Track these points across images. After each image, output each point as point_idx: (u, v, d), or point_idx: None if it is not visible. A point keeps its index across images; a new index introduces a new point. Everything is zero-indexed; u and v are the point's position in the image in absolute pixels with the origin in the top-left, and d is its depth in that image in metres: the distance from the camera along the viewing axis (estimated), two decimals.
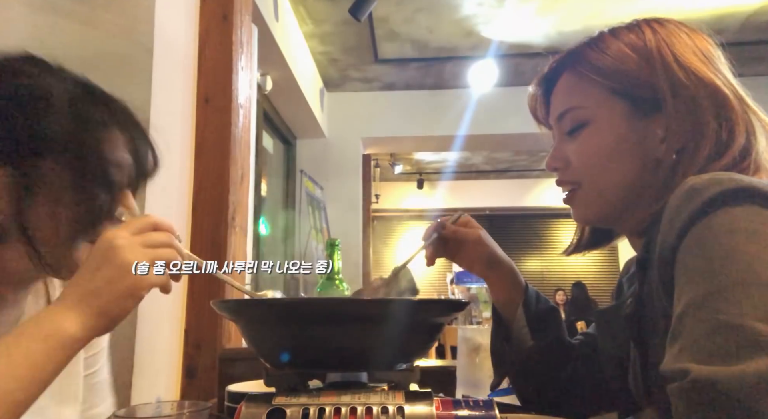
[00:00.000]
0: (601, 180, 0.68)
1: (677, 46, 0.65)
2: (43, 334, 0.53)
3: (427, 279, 7.84)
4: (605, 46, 0.67)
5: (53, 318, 0.54)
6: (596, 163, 0.68)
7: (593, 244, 0.82)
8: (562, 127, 0.72)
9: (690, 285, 0.50)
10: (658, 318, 0.60)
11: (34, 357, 0.51)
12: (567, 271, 7.50)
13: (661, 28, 0.67)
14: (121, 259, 0.57)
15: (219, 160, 1.50)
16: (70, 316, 0.54)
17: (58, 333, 0.53)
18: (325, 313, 0.56)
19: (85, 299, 0.55)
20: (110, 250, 0.57)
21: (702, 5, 3.35)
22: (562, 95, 0.72)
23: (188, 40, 1.54)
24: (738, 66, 0.65)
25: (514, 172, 7.20)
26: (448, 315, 0.63)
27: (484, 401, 0.53)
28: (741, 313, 0.45)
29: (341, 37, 3.79)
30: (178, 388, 1.40)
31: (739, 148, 0.60)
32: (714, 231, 0.50)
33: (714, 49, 0.66)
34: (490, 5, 3.39)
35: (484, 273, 0.87)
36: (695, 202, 0.51)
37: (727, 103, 0.62)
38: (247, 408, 0.52)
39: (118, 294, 0.56)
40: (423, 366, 0.61)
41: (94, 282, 0.56)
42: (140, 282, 0.57)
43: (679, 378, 0.46)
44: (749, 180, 0.51)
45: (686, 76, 0.62)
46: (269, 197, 3.82)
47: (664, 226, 0.55)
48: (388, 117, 4.74)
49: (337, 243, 1.28)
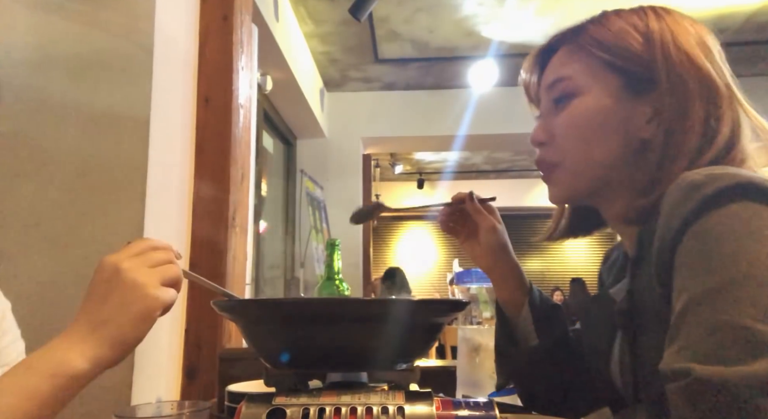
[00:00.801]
0: (583, 157, 0.68)
1: (678, 31, 0.65)
2: (50, 372, 0.51)
3: (427, 279, 7.84)
4: (608, 22, 0.68)
5: (61, 354, 0.52)
6: (580, 136, 0.68)
7: (573, 230, 0.81)
8: (551, 96, 0.71)
9: (689, 283, 0.50)
10: (650, 314, 0.60)
11: (42, 395, 0.50)
12: (567, 271, 7.50)
13: (665, 14, 0.67)
14: (131, 282, 0.55)
15: (219, 160, 1.50)
16: (79, 350, 0.52)
17: (65, 370, 0.51)
18: (325, 313, 0.56)
19: (97, 329, 0.53)
20: (117, 274, 0.55)
21: (702, 5, 3.35)
22: (557, 65, 0.72)
23: (188, 40, 1.54)
24: (738, 66, 0.65)
25: (514, 172, 7.21)
26: (448, 315, 0.63)
27: (484, 401, 0.53)
28: (741, 313, 0.45)
29: (341, 37, 3.79)
30: (178, 388, 1.40)
31: (725, 139, 0.61)
32: (713, 229, 0.50)
33: (714, 43, 0.67)
34: (490, 5, 3.39)
35: (491, 265, 0.86)
36: (693, 199, 0.51)
37: (716, 92, 0.62)
38: (247, 408, 0.52)
39: (133, 319, 0.54)
40: (423, 366, 0.61)
41: (105, 310, 0.54)
42: (154, 302, 0.56)
43: (681, 378, 0.46)
44: (746, 175, 0.52)
45: (682, 60, 0.63)
46: (269, 197, 3.82)
47: (661, 223, 0.55)
48: (388, 117, 4.74)
49: (337, 243, 1.28)
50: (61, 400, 0.51)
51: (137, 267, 0.56)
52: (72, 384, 0.51)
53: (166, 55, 1.39)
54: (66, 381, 0.51)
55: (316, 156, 4.62)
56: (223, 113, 1.53)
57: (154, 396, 1.30)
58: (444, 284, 7.14)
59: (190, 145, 1.51)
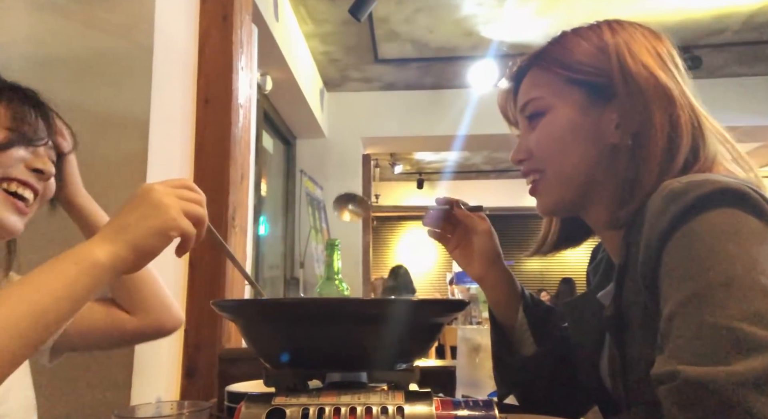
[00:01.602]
0: (561, 166, 0.71)
1: (632, 43, 0.69)
2: (76, 258, 0.58)
3: (427, 279, 7.84)
4: (566, 42, 0.73)
5: (87, 247, 0.60)
6: (554, 149, 0.71)
7: (563, 242, 0.82)
8: (525, 116, 0.76)
9: (676, 288, 0.51)
10: (637, 321, 0.61)
11: (68, 276, 0.57)
12: (566, 272, 7.49)
13: (619, 27, 0.71)
14: (156, 200, 0.62)
15: (219, 160, 1.50)
16: (102, 246, 0.60)
17: (89, 258, 0.58)
18: (325, 313, 0.56)
19: (118, 232, 0.61)
20: (147, 193, 0.63)
21: (702, 5, 3.35)
22: (526, 88, 0.76)
23: (188, 40, 1.54)
24: (738, 66, 0.66)
25: (514, 171, 7.20)
26: (448, 315, 0.63)
27: (484, 401, 0.53)
28: (726, 314, 0.46)
29: (341, 37, 3.79)
30: (178, 388, 1.41)
31: (687, 143, 0.64)
32: (696, 235, 0.51)
33: (670, 51, 0.70)
34: (490, 5, 3.39)
35: (483, 272, 0.86)
36: (676, 206, 0.53)
37: (671, 98, 0.65)
38: (247, 408, 0.52)
39: (149, 230, 0.61)
40: (423, 366, 0.61)
41: (128, 219, 0.62)
42: (171, 222, 0.62)
43: (669, 380, 0.46)
44: (725, 181, 0.53)
45: (638, 69, 0.66)
46: (269, 197, 3.82)
47: (645, 231, 0.56)
48: (388, 117, 4.74)
49: (337, 244, 1.28)
50: (85, 285, 0.58)
51: (166, 193, 0.64)
52: (94, 271, 0.58)
53: (166, 55, 1.39)
54: (88, 267, 0.58)
55: (315, 156, 4.62)
56: (223, 113, 1.53)
57: (154, 396, 1.30)
58: (444, 284, 7.14)
59: (190, 145, 1.51)
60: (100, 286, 0.60)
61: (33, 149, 0.74)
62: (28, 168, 0.74)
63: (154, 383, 1.32)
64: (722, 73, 4.26)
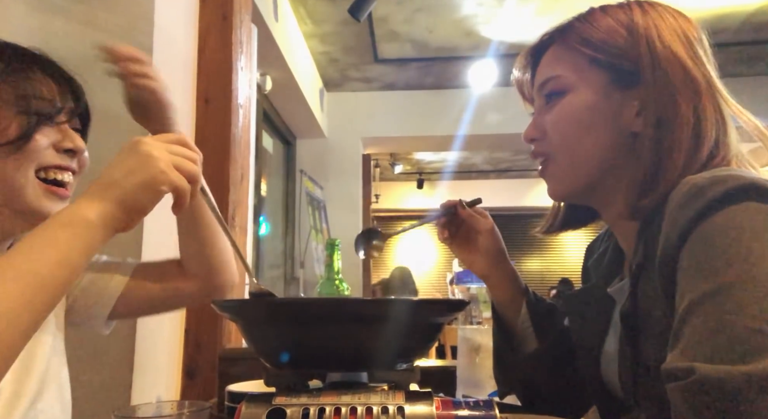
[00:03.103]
0: (575, 151, 0.69)
1: (662, 25, 0.66)
2: (66, 221, 0.56)
3: (427, 279, 7.84)
4: (594, 20, 0.69)
5: (75, 207, 0.57)
6: (571, 132, 0.69)
7: (569, 223, 0.81)
8: (542, 94, 0.73)
9: (694, 283, 0.50)
10: (654, 318, 0.60)
11: (60, 240, 0.54)
12: (567, 271, 7.50)
13: (650, 8, 0.68)
14: (145, 153, 0.59)
15: (219, 160, 1.50)
16: (90, 205, 0.57)
17: (79, 219, 0.56)
18: (325, 313, 0.56)
19: (106, 189, 0.58)
20: (135, 145, 0.59)
21: (702, 5, 3.35)
22: (547, 65, 0.73)
23: (188, 40, 1.54)
24: (738, 66, 0.66)
25: (514, 172, 7.20)
26: (448, 315, 0.63)
27: (484, 401, 0.53)
28: (744, 313, 0.45)
29: (341, 37, 3.79)
30: (178, 388, 1.41)
31: (712, 134, 0.62)
32: (718, 231, 0.50)
33: (698, 35, 0.68)
34: (490, 5, 3.39)
35: (488, 270, 0.86)
36: (699, 201, 0.52)
37: (698, 89, 0.63)
38: (247, 408, 0.52)
39: (137, 184, 0.58)
40: (423, 366, 0.61)
41: (115, 174, 0.58)
42: (161, 176, 0.58)
43: (683, 376, 0.46)
44: (749, 176, 0.52)
45: (666, 55, 0.64)
46: (269, 197, 3.82)
47: (666, 226, 0.55)
48: (388, 117, 4.73)
49: (337, 243, 1.28)
50: (76, 247, 0.55)
51: (156, 146, 0.60)
52: (86, 233, 0.55)
53: (165, 55, 1.39)
54: (81, 230, 0.55)
55: (315, 156, 4.62)
56: (223, 113, 1.53)
57: (154, 396, 1.30)
58: (444, 284, 7.14)
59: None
60: (96, 246, 0.57)
61: (57, 127, 0.69)
62: (59, 150, 0.69)
63: (154, 383, 1.32)
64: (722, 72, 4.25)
